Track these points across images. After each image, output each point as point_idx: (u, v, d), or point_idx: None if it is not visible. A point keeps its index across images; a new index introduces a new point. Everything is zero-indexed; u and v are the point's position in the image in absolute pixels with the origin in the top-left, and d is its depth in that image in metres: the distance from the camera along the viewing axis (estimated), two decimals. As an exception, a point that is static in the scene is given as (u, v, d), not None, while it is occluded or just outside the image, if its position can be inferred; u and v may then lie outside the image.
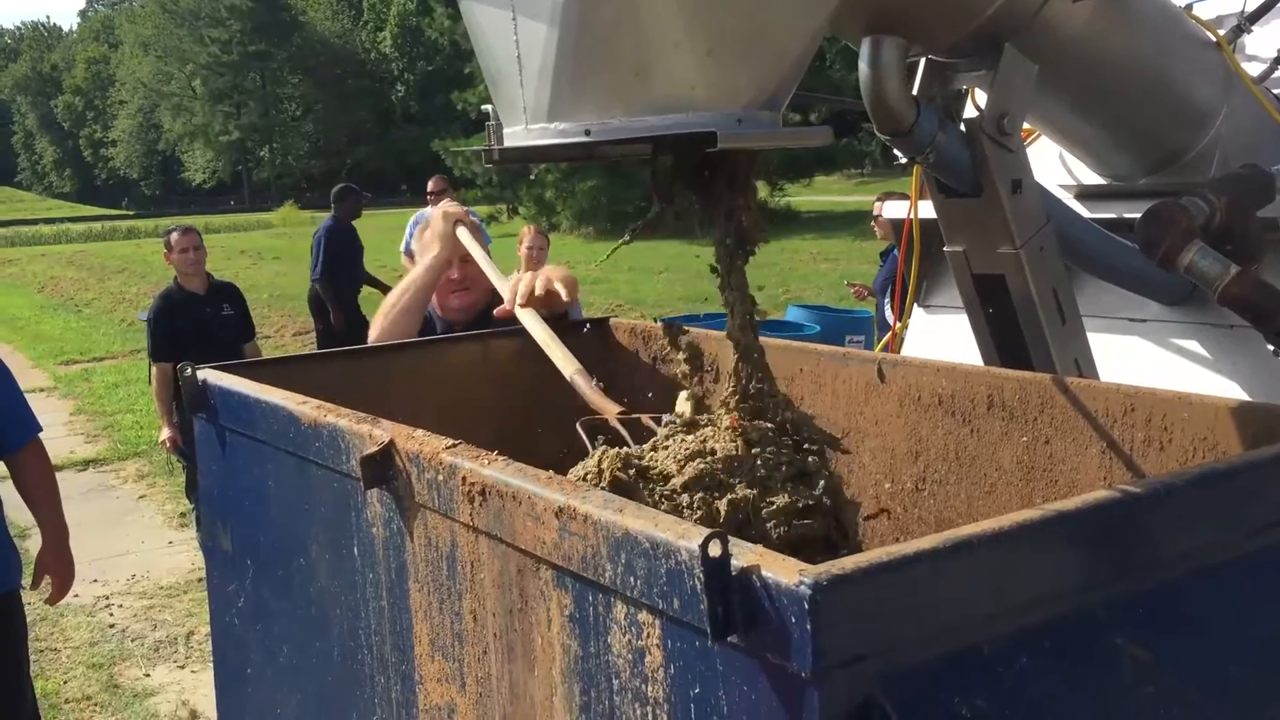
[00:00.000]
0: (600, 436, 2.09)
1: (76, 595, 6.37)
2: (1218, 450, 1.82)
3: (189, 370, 2.36)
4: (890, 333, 3.55)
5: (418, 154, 50.95)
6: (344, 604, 1.93)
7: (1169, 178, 2.76)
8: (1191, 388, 2.03)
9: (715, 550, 1.11)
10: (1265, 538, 1.45)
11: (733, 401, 1.84)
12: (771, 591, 1.08)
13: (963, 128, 2.30)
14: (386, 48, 71.31)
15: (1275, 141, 2.68)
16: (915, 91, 2.33)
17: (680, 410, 1.93)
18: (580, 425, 2.09)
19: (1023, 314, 2.40)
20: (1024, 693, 1.18)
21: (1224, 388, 2.73)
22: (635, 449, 1.85)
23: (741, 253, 1.77)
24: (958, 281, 2.51)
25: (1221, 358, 2.79)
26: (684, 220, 1.77)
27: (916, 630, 1.13)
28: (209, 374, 2.34)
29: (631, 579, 1.25)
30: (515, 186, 30.23)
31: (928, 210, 2.62)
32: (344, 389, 2.31)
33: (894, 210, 3.92)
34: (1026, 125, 2.51)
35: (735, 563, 1.11)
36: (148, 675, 5.54)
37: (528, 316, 2.70)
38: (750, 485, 1.69)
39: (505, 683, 1.54)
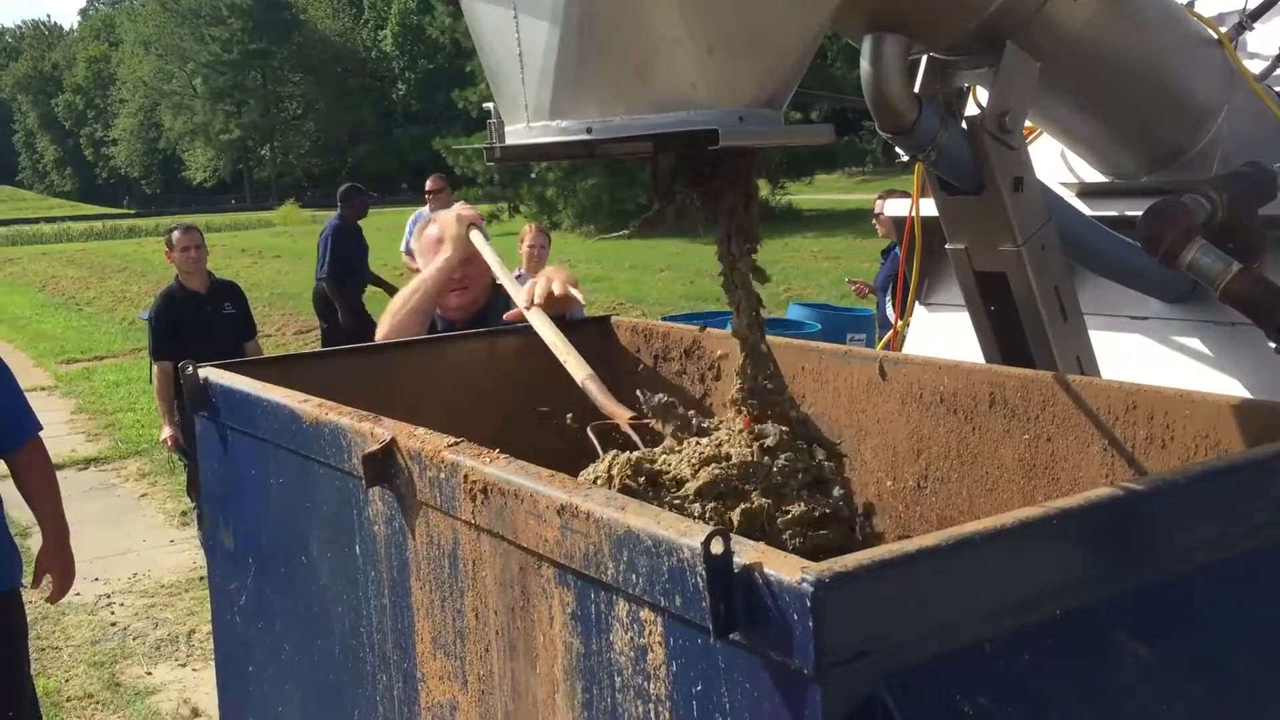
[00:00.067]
0: (614, 437, 2.08)
1: (78, 594, 6.37)
2: (1220, 448, 1.82)
3: (191, 368, 2.37)
4: (892, 330, 3.55)
5: (419, 153, 50.95)
6: (346, 602, 1.94)
7: (1171, 175, 2.76)
8: (1193, 385, 2.03)
9: (717, 548, 1.11)
10: (1267, 534, 1.45)
11: (741, 399, 1.83)
12: (774, 589, 1.08)
13: (964, 125, 2.30)
14: (387, 46, 71.30)
15: (1277, 139, 2.68)
16: (917, 89, 2.32)
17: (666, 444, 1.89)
18: (591, 430, 2.07)
19: (1024, 311, 2.40)
20: (1026, 690, 1.18)
21: (1226, 385, 2.73)
22: (647, 451, 1.83)
23: (745, 250, 1.77)
24: (959, 279, 2.51)
25: (1223, 355, 2.79)
26: (685, 218, 1.77)
27: (918, 627, 1.13)
28: (211, 372, 2.34)
29: (633, 576, 1.25)
30: (516, 185, 30.22)
31: (929, 208, 2.62)
32: (346, 387, 2.31)
33: (896, 208, 3.92)
34: (1028, 123, 2.51)
35: (737, 560, 1.11)
36: (149, 673, 5.55)
37: (538, 318, 2.68)
38: (765, 493, 1.67)
39: (507, 680, 1.54)
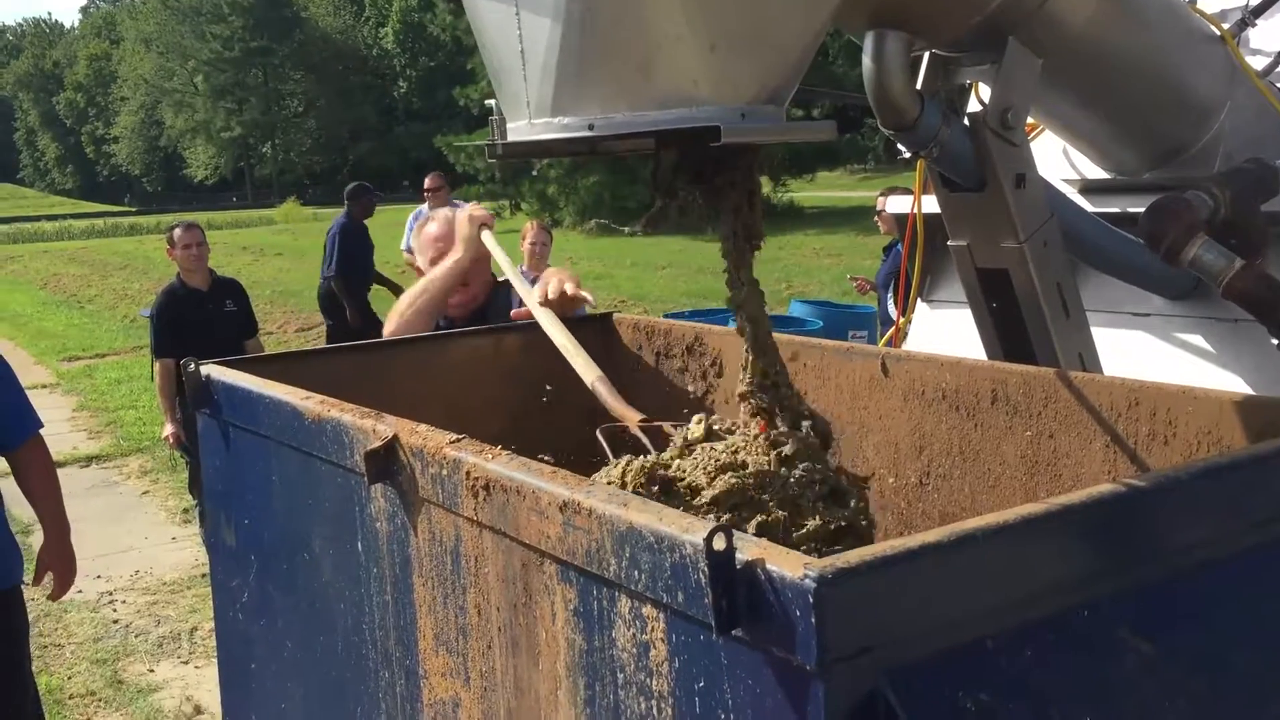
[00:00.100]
0: (624, 440, 2.05)
1: (80, 591, 6.38)
2: (1222, 444, 1.82)
3: (193, 366, 2.37)
4: (894, 327, 3.55)
5: (420, 150, 50.97)
6: (348, 599, 1.94)
7: (1173, 172, 2.75)
8: (1196, 382, 2.03)
9: (720, 544, 1.11)
10: (1269, 530, 1.45)
11: (749, 392, 1.82)
12: (776, 585, 1.08)
13: (966, 122, 2.30)
14: (388, 43, 71.24)
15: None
16: (919, 86, 2.32)
17: (695, 433, 1.88)
18: (600, 433, 2.03)
19: (1026, 308, 2.40)
20: (1028, 686, 1.18)
21: (1228, 382, 2.73)
22: (661, 456, 1.81)
23: (749, 247, 1.76)
24: (961, 276, 2.50)
25: (1226, 352, 2.79)
26: (688, 215, 1.76)
27: (921, 623, 1.13)
28: (213, 369, 2.34)
29: (636, 573, 1.25)
30: (518, 182, 30.22)
31: (931, 205, 2.62)
32: (347, 385, 2.31)
33: (898, 205, 3.92)
34: (1030, 119, 2.51)
35: (740, 556, 1.11)
36: (152, 671, 5.55)
37: (546, 319, 2.66)
38: (782, 505, 1.65)
39: (510, 677, 1.54)
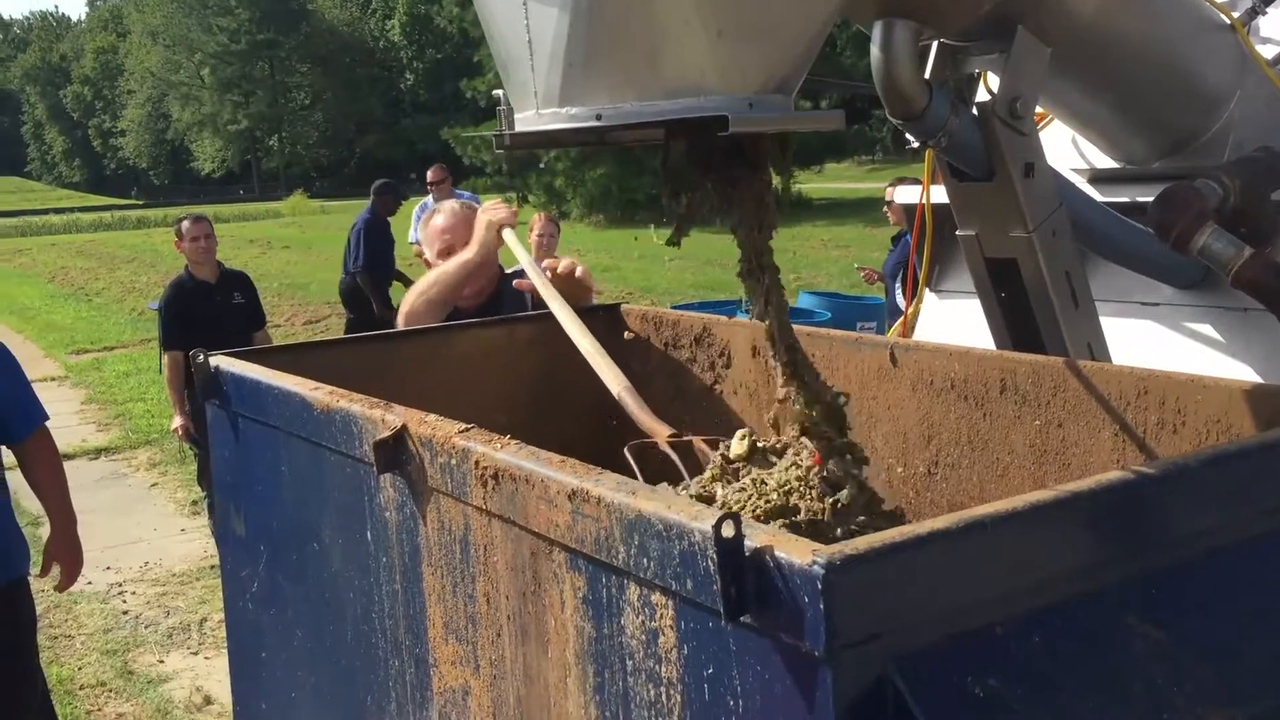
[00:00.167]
0: (656, 459, 1.99)
1: (90, 582, 6.41)
2: (1231, 432, 1.81)
3: (202, 357, 2.37)
4: (902, 317, 3.54)
5: (427, 142, 50.95)
6: (357, 588, 1.94)
7: (1183, 161, 2.75)
8: (1205, 371, 2.03)
9: (729, 531, 1.11)
10: (1278, 518, 1.45)
11: (801, 419, 1.79)
12: (785, 571, 1.08)
13: (975, 111, 2.30)
14: (395, 36, 71.21)
15: (1289, 124, 2.67)
16: (927, 75, 2.31)
17: (737, 451, 1.85)
18: (628, 450, 1.96)
19: (1035, 298, 2.39)
20: (1037, 672, 1.18)
21: (1238, 371, 2.72)
22: (702, 481, 1.75)
23: (766, 236, 1.75)
24: (970, 266, 2.50)
25: (1235, 341, 2.78)
26: (703, 208, 1.74)
27: (929, 610, 1.13)
28: (222, 360, 2.35)
29: (645, 560, 1.25)
30: (525, 175, 30.20)
31: (940, 195, 2.61)
32: (356, 375, 2.32)
33: (906, 195, 3.91)
34: (1039, 109, 2.50)
35: (749, 543, 1.11)
36: (161, 661, 5.57)
37: (571, 323, 2.59)
38: None
39: (519, 665, 1.55)
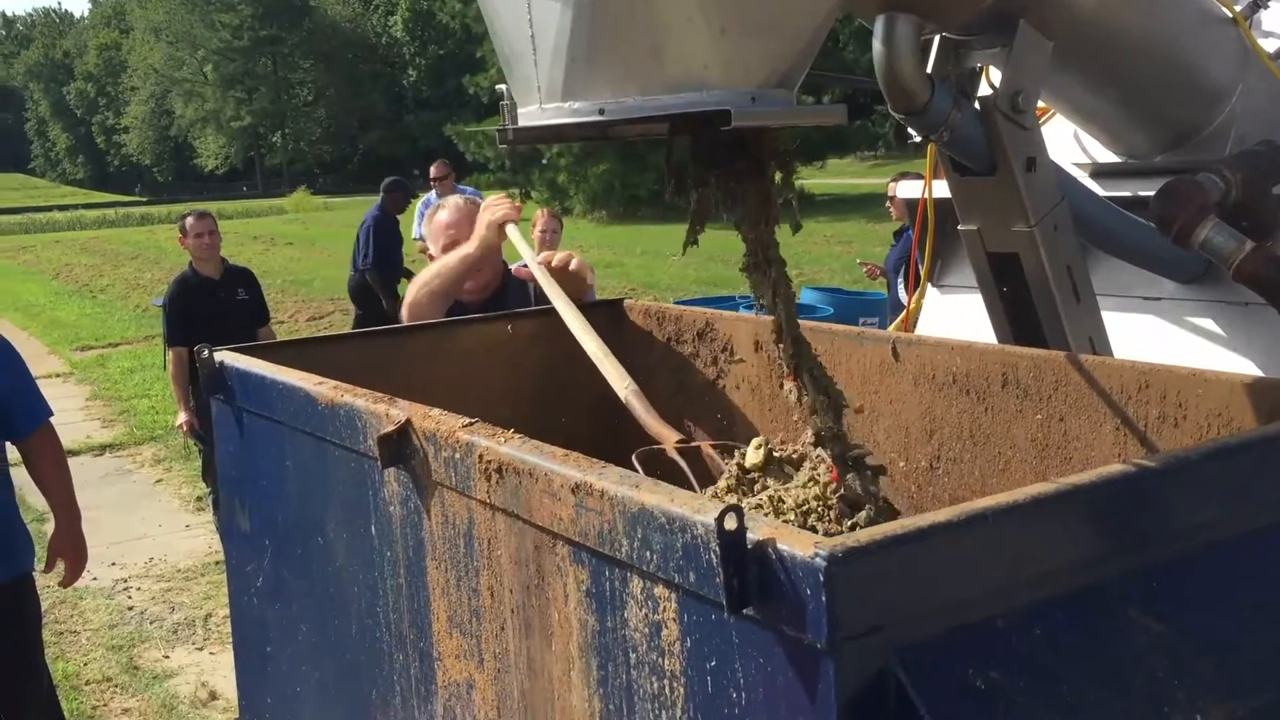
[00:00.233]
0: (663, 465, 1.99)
1: (95, 578, 6.43)
2: (1232, 426, 1.82)
3: (206, 352, 2.38)
4: (904, 312, 3.55)
5: (430, 138, 50.95)
6: (362, 582, 1.95)
7: (1185, 155, 2.75)
8: (1207, 365, 2.03)
9: (731, 523, 1.12)
10: (1278, 512, 1.46)
11: (818, 436, 1.80)
12: (787, 564, 1.08)
13: (977, 106, 2.30)
14: (398, 32, 71.15)
15: (1291, 118, 2.67)
16: (929, 70, 2.32)
17: (753, 461, 1.85)
18: (636, 458, 1.96)
19: (1037, 292, 2.40)
20: (1038, 665, 1.19)
21: (1240, 365, 2.72)
22: (719, 490, 1.74)
23: (771, 230, 1.74)
24: (972, 260, 2.50)
25: (1237, 335, 2.79)
26: (708, 203, 1.74)
27: (931, 602, 1.13)
28: (226, 356, 2.36)
29: (648, 553, 1.26)
30: (528, 171, 30.19)
31: (942, 189, 2.62)
32: (360, 370, 2.32)
33: (908, 190, 3.92)
34: (1041, 103, 2.50)
35: (751, 536, 1.12)
36: (167, 657, 5.59)
37: (577, 325, 2.59)
38: None
39: (523, 658, 1.55)
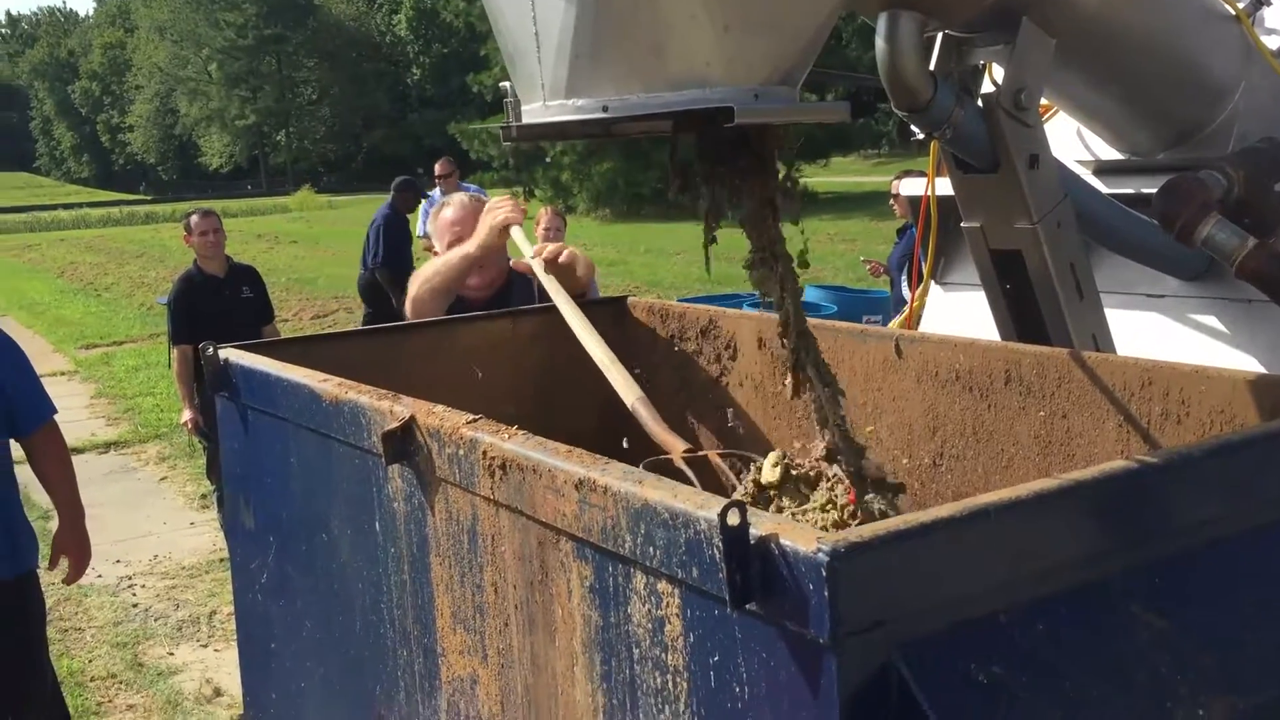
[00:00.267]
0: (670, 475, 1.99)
1: (99, 576, 6.44)
2: (1235, 423, 1.82)
3: (211, 349, 2.39)
4: (907, 309, 3.55)
5: (434, 137, 50.96)
6: (366, 578, 1.96)
7: (1188, 152, 2.75)
8: (1210, 363, 2.03)
9: (734, 519, 1.12)
10: (1282, 508, 1.46)
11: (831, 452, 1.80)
12: (790, 559, 1.09)
13: (980, 103, 2.30)
14: (402, 30, 71.15)
15: (1294, 115, 2.67)
16: (932, 67, 2.32)
17: (769, 478, 1.86)
18: (643, 469, 1.99)
19: (1040, 289, 2.40)
20: (1040, 660, 1.19)
21: (1243, 362, 2.72)
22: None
23: (776, 226, 1.74)
24: (975, 257, 2.50)
25: (1240, 332, 2.78)
26: (716, 201, 1.73)
27: (934, 597, 1.14)
28: (231, 353, 2.37)
29: (651, 549, 1.26)
30: (531, 169, 30.19)
31: (945, 187, 2.62)
32: (362, 368, 2.33)
33: (911, 187, 3.91)
34: (1044, 100, 2.50)
35: (754, 531, 1.12)
36: (171, 654, 5.60)
37: (584, 332, 2.58)
38: None
39: (527, 654, 1.56)
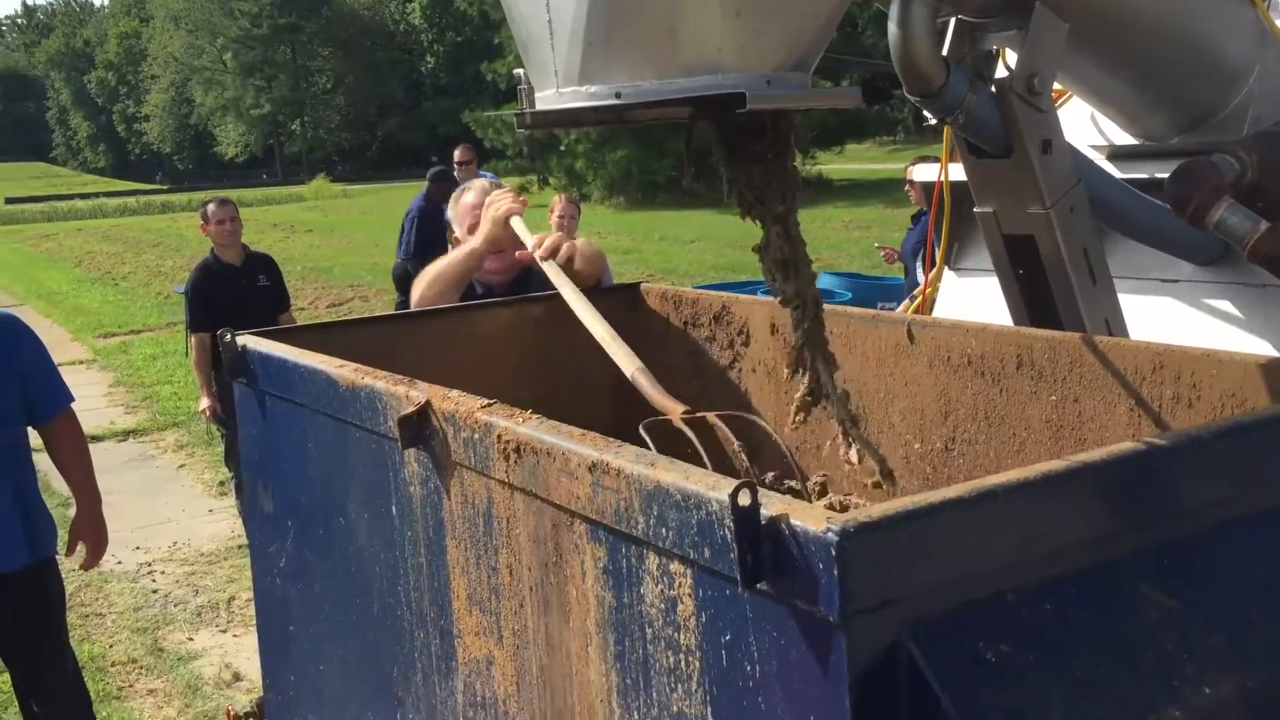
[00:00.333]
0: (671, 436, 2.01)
1: (119, 562, 6.51)
2: (1247, 406, 1.82)
3: (229, 336, 2.41)
4: (920, 294, 3.55)
5: (448, 125, 50.93)
6: (383, 562, 1.98)
7: (1202, 136, 2.74)
8: (1223, 348, 2.03)
9: (745, 500, 1.14)
10: (1291, 490, 1.46)
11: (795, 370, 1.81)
12: (800, 539, 1.10)
13: (993, 88, 2.30)
14: (416, 19, 71.10)
15: (1310, 99, 2.66)
16: (945, 52, 2.32)
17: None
18: (643, 428, 1.98)
19: (1053, 274, 2.40)
20: (1048, 639, 1.20)
21: (1257, 347, 2.72)
22: None
23: (791, 211, 1.74)
24: (988, 242, 2.51)
25: (1254, 317, 2.78)
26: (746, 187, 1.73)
27: (942, 577, 1.15)
28: (249, 340, 2.39)
29: (663, 530, 1.28)
30: (546, 157, 30.18)
31: (959, 173, 2.62)
32: (381, 354, 2.35)
33: (925, 173, 3.92)
34: (1058, 86, 2.50)
35: (764, 512, 1.14)
36: (191, 639, 5.65)
37: (583, 308, 2.61)
38: None
39: (541, 635, 1.58)
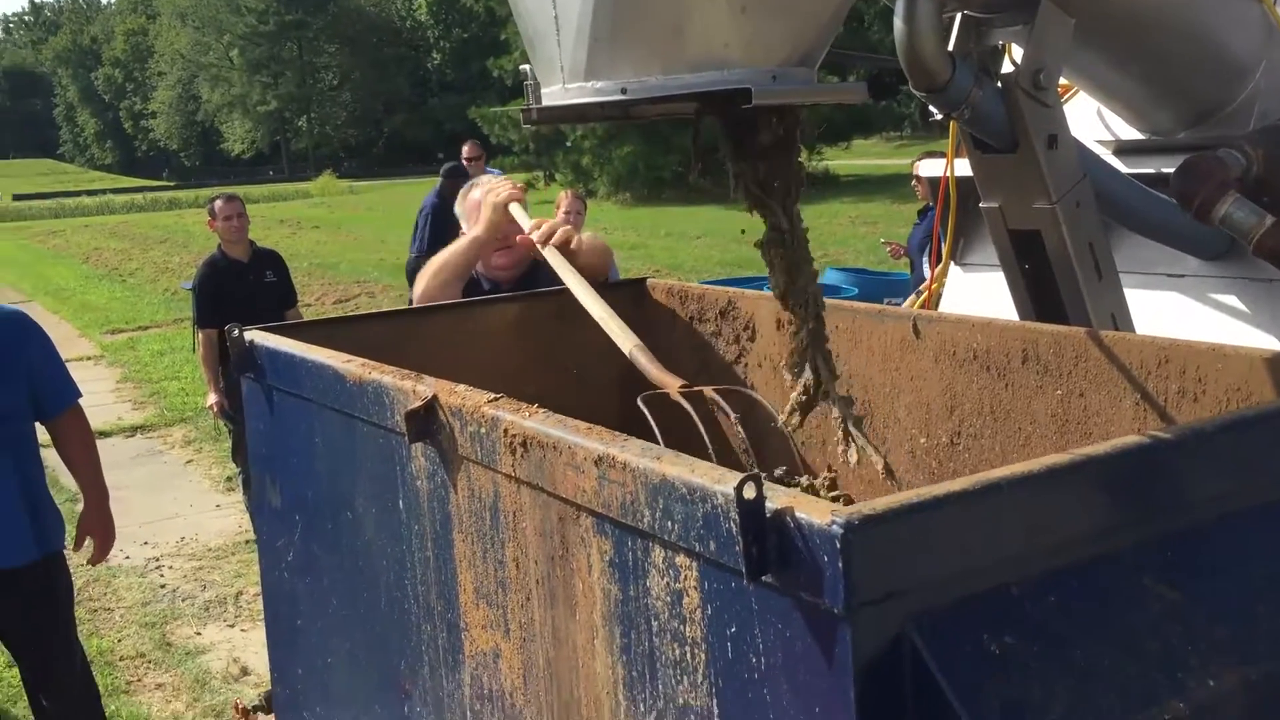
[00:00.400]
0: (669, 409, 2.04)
1: (128, 557, 6.53)
2: (1252, 400, 1.83)
3: (236, 331, 2.42)
4: (927, 289, 3.55)
5: (454, 122, 50.95)
6: (390, 555, 1.99)
7: (1207, 131, 2.74)
8: (1229, 342, 2.04)
9: (750, 493, 1.14)
10: (1296, 484, 1.47)
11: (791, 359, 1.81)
12: (804, 531, 1.11)
13: (999, 83, 2.30)
14: (422, 15, 71.06)
15: (1316, 94, 2.66)
16: (951, 48, 2.32)
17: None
18: (641, 400, 2.01)
19: (1059, 269, 2.40)
20: (1052, 631, 1.21)
21: (1263, 342, 2.72)
22: None
23: (794, 206, 1.74)
24: (994, 237, 2.51)
25: (1260, 312, 2.78)
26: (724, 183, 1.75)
27: (947, 569, 1.16)
28: (256, 335, 2.40)
29: (669, 523, 1.29)
30: (552, 153, 30.16)
31: (965, 168, 2.62)
32: (387, 349, 2.36)
33: (931, 168, 3.92)
34: (1064, 81, 2.50)
35: (769, 505, 1.14)
36: (199, 634, 5.67)
37: (582, 290, 2.64)
38: None
39: (548, 627, 1.59)
